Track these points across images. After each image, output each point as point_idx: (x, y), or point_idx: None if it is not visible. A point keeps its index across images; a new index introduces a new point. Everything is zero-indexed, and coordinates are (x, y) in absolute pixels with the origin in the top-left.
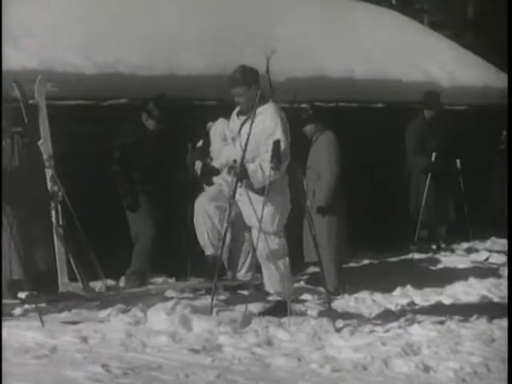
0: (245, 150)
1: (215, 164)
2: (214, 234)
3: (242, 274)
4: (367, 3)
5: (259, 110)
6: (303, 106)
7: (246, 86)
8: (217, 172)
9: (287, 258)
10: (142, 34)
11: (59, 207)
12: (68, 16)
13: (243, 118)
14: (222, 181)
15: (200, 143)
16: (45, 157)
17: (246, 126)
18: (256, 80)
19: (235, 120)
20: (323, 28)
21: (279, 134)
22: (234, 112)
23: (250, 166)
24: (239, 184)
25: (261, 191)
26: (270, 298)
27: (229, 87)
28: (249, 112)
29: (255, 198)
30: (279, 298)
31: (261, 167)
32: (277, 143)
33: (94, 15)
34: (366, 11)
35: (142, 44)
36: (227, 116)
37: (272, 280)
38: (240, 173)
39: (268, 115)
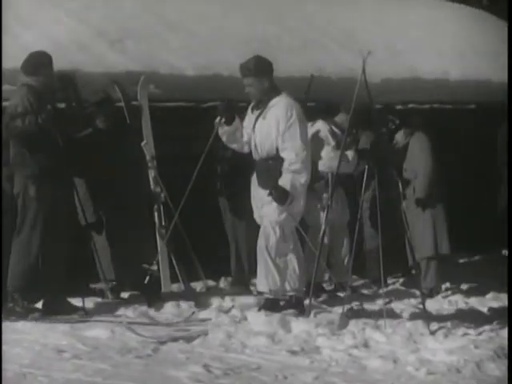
0: (255, 146)
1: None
2: None
3: (340, 274)
4: (457, 3)
5: (272, 102)
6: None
7: (257, 77)
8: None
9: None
10: (242, 37)
11: (161, 208)
12: (167, 19)
13: (257, 112)
14: None
15: None
16: (147, 158)
17: (260, 121)
18: (268, 71)
19: (250, 115)
20: (416, 29)
21: (296, 126)
22: (250, 106)
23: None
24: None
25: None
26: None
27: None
28: (262, 106)
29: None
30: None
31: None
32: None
33: (194, 18)
34: (455, 11)
35: (242, 46)
36: (326, 118)
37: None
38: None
39: (280, 107)
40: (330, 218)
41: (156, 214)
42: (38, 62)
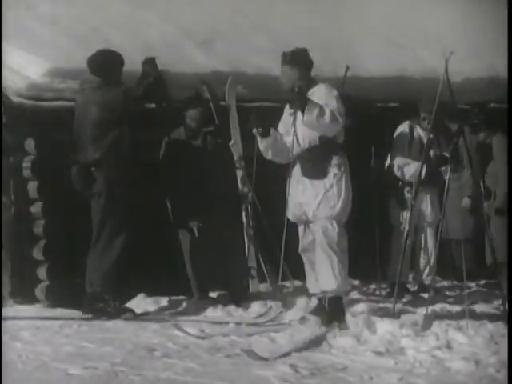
0: (297, 139)
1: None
2: None
3: (424, 276)
4: None
5: (309, 92)
6: (474, 110)
7: (290, 66)
8: None
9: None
10: (326, 37)
11: (249, 208)
12: (254, 19)
13: (295, 106)
14: None
15: None
16: (235, 158)
17: (300, 113)
18: (303, 63)
19: (288, 110)
20: (494, 28)
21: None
22: (287, 105)
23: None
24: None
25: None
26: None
27: None
28: (299, 98)
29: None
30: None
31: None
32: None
33: (280, 18)
34: None
35: (323, 47)
36: (412, 118)
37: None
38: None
39: (321, 91)
40: (414, 218)
41: (244, 213)
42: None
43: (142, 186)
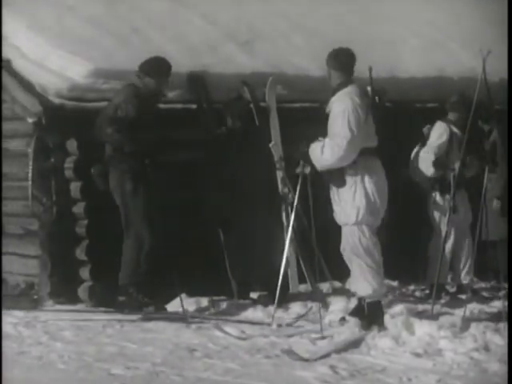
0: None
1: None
2: None
3: (462, 276)
4: None
5: (334, 97)
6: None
7: (328, 67)
8: None
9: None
10: (367, 37)
11: (289, 209)
12: (294, 20)
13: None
14: None
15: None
16: (275, 159)
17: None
18: (339, 65)
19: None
20: None
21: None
22: None
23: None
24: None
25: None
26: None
27: None
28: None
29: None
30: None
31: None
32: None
33: (319, 18)
34: None
35: (367, 47)
36: (447, 118)
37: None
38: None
39: (337, 100)
40: (451, 220)
41: (284, 214)
42: (158, 66)
43: (180, 186)
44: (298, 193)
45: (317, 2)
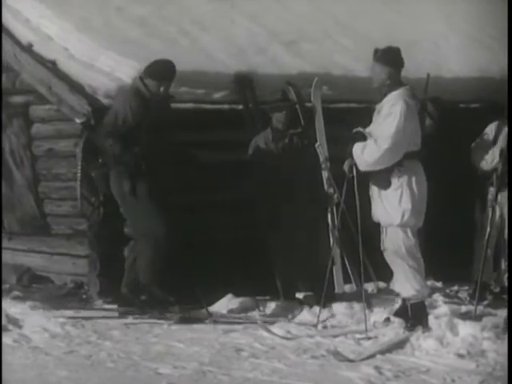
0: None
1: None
2: None
3: (506, 277)
4: None
5: (387, 98)
6: None
7: (380, 63)
8: None
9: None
10: (411, 37)
11: (335, 209)
12: (340, 20)
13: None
14: None
15: None
16: (321, 159)
17: (375, 115)
18: (393, 62)
19: (375, 110)
20: None
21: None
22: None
23: None
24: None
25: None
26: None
27: None
28: (379, 101)
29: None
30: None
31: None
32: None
33: (365, 19)
34: None
35: (411, 46)
36: (501, 119)
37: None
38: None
39: (390, 101)
40: (495, 219)
41: (329, 215)
42: (162, 69)
43: (224, 187)
44: (344, 193)
45: (361, 2)
